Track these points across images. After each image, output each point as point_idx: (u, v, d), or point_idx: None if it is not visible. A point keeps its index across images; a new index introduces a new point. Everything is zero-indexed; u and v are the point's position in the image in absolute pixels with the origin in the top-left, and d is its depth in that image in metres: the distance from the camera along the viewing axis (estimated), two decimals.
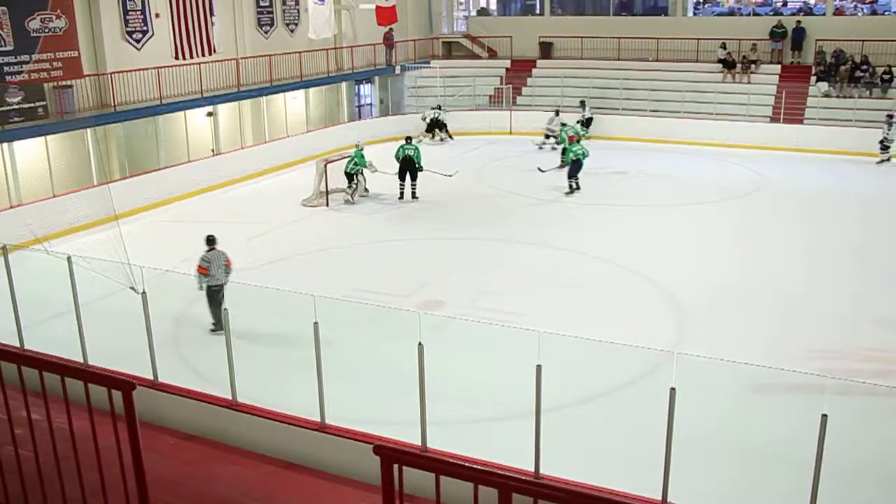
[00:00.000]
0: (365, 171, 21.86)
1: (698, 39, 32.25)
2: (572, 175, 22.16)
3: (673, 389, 7.10)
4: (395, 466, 3.37)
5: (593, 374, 10.90)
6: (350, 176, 21.52)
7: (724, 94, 30.04)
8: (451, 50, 37.64)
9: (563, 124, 26.85)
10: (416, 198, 21.70)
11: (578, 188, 22.17)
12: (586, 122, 29.51)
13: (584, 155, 22.03)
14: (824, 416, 6.32)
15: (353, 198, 21.57)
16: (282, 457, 8.55)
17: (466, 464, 3.26)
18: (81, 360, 9.97)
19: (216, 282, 12.50)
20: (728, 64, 31.18)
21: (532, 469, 7.77)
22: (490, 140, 30.17)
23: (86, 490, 4.05)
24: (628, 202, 21.15)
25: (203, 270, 12.52)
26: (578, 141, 23.37)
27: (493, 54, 36.35)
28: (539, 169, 23.72)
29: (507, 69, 34.79)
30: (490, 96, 33.58)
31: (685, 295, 14.27)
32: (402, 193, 21.78)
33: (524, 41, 35.73)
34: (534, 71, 34.41)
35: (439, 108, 30.87)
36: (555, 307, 13.74)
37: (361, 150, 22.03)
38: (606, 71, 32.48)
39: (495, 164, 26.68)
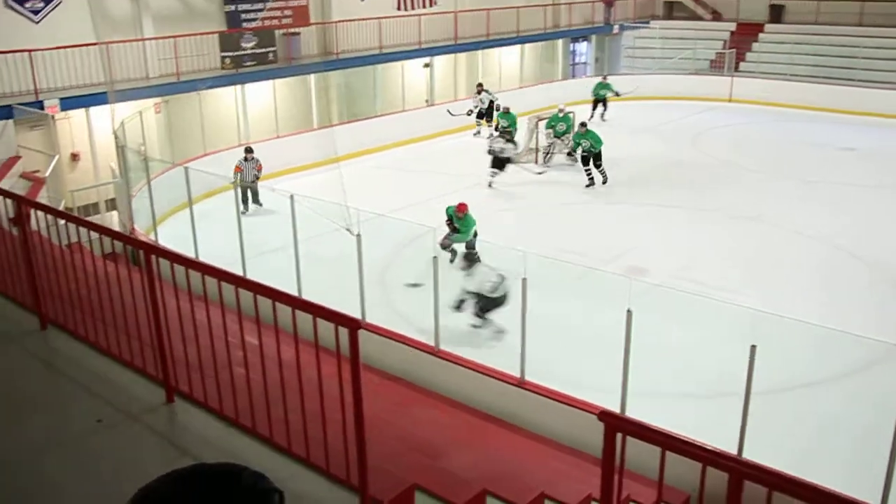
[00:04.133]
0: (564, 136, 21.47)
1: None
2: (586, 163, 19.08)
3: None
4: (619, 436, 3.22)
5: (808, 360, 10.20)
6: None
7: None
8: (672, 10, 36.09)
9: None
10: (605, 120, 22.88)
11: (593, 183, 19.10)
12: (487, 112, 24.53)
13: (595, 145, 18.87)
14: None
15: (547, 160, 21.26)
16: (481, 408, 8.64)
17: (698, 443, 3.06)
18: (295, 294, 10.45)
19: (247, 181, 16.45)
20: None
21: (734, 452, 7.39)
22: (708, 106, 28.79)
23: (307, 417, 4.19)
24: (859, 181, 19.50)
25: (238, 169, 16.64)
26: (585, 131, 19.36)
27: (717, 16, 34.54)
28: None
29: (732, 32, 32.90)
30: (711, 61, 31.82)
31: None
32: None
33: (752, 3, 33.42)
34: (761, 36, 32.32)
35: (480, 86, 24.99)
36: (768, 286, 12.95)
37: (564, 114, 21.57)
38: (845, 38, 29.85)
39: (712, 131, 25.49)
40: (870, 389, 9.45)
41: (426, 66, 26.31)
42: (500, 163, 18.88)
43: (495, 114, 23.15)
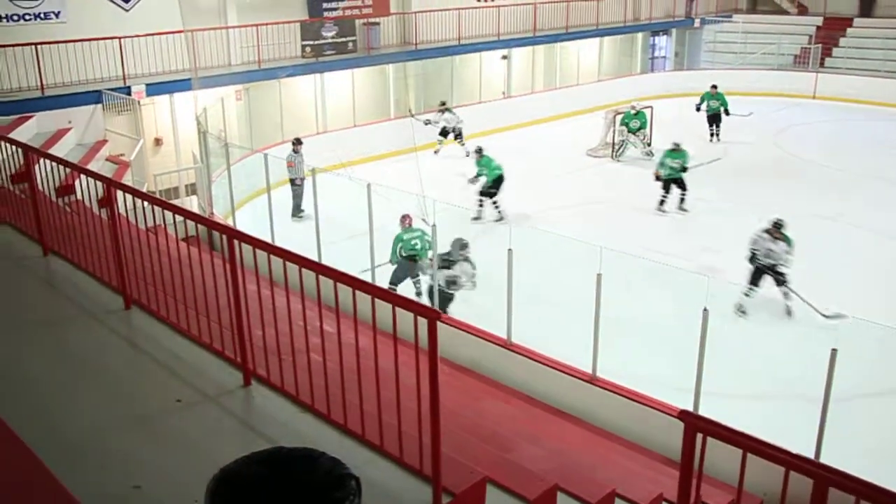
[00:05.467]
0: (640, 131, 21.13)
1: None
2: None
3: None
4: (699, 436, 3.15)
5: (884, 366, 9.87)
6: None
7: None
8: (756, 4, 35.21)
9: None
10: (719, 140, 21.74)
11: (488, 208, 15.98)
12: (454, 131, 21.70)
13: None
14: None
15: (617, 155, 20.97)
16: (550, 402, 8.59)
17: (782, 448, 2.98)
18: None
19: (296, 175, 15.85)
20: None
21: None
22: (791, 103, 27.98)
23: (381, 405, 4.22)
24: None
25: (291, 164, 15.86)
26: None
27: (803, 10, 33.54)
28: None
29: (818, 27, 31.90)
30: (795, 56, 30.86)
31: None
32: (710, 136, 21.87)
33: None
34: (849, 30, 31.26)
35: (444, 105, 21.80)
36: (844, 288, 12.54)
37: (637, 112, 21.22)
38: None
39: (793, 129, 24.82)
40: None
41: (504, 58, 26.21)
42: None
43: (452, 135, 21.26)
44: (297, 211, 16.28)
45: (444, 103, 21.45)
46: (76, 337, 5.79)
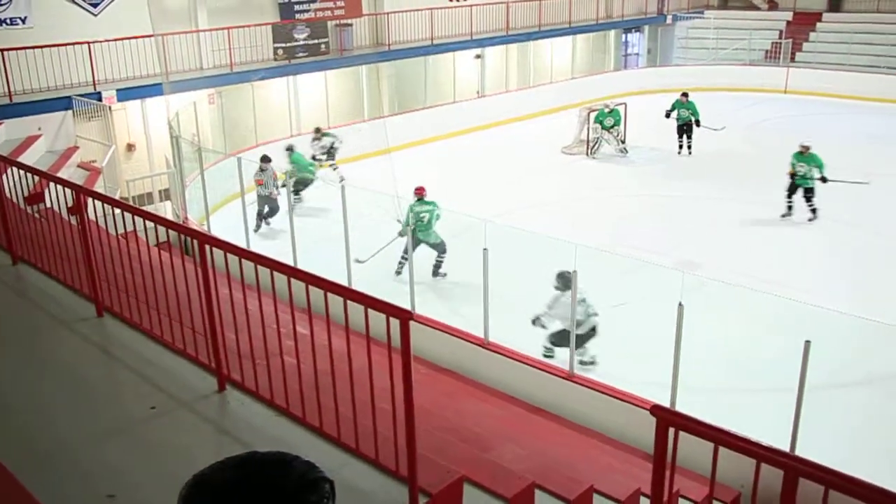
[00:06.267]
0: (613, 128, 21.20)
1: None
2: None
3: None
4: (671, 430, 3.17)
5: (858, 357, 9.98)
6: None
7: None
8: (727, 0, 35.51)
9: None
10: (691, 153, 20.79)
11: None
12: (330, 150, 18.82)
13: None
14: None
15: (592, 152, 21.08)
16: (529, 400, 8.61)
17: (752, 439, 3.00)
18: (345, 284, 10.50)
19: (266, 191, 14.98)
20: None
21: (786, 449, 7.25)
22: (762, 98, 28.20)
23: (356, 407, 4.21)
24: None
25: (260, 182, 14.98)
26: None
27: (773, 6, 33.80)
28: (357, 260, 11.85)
29: (788, 22, 32.18)
30: (766, 51, 31.13)
31: None
32: (679, 148, 20.90)
33: None
34: (818, 25, 31.58)
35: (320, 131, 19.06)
36: (819, 279, 12.68)
37: (611, 110, 21.32)
38: None
39: (766, 123, 25.03)
40: None
41: (477, 57, 26.25)
42: None
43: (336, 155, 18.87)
44: (265, 217, 15.52)
45: (318, 129, 18.94)
46: (48, 346, 5.73)
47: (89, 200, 6.03)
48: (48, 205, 7.58)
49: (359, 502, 3.95)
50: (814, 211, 15.84)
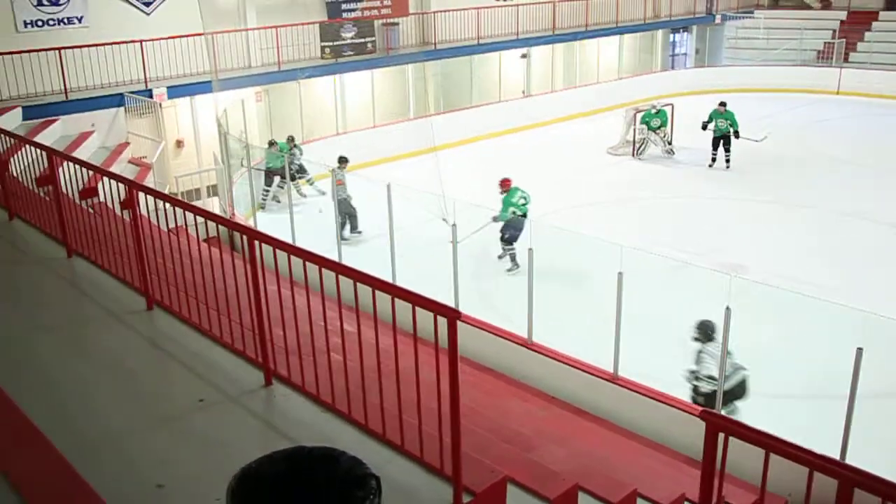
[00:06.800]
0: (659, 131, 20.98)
1: None
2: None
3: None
4: (721, 436, 3.13)
5: None
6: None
7: None
8: None
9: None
10: (729, 167, 19.69)
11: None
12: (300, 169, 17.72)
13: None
14: None
15: (640, 152, 20.88)
16: (573, 401, 8.56)
17: (804, 447, 2.96)
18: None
19: (344, 194, 14.46)
20: None
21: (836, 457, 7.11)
22: (814, 99, 27.71)
23: (402, 405, 4.22)
24: None
25: (339, 182, 14.47)
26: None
27: (826, 4, 33.17)
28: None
29: (842, 21, 31.54)
30: (818, 51, 30.50)
31: None
32: (713, 161, 19.93)
33: None
34: (874, 24, 30.92)
35: (293, 141, 18.09)
36: (868, 285, 12.42)
37: (658, 111, 21.09)
38: None
39: (816, 125, 24.60)
40: None
41: (523, 56, 26.19)
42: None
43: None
44: (353, 226, 15.01)
45: (291, 138, 17.98)
46: (99, 337, 5.84)
47: (140, 195, 6.13)
48: (101, 199, 7.73)
49: (404, 499, 3.96)
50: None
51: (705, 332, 8.57)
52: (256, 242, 4.74)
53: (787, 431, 6.08)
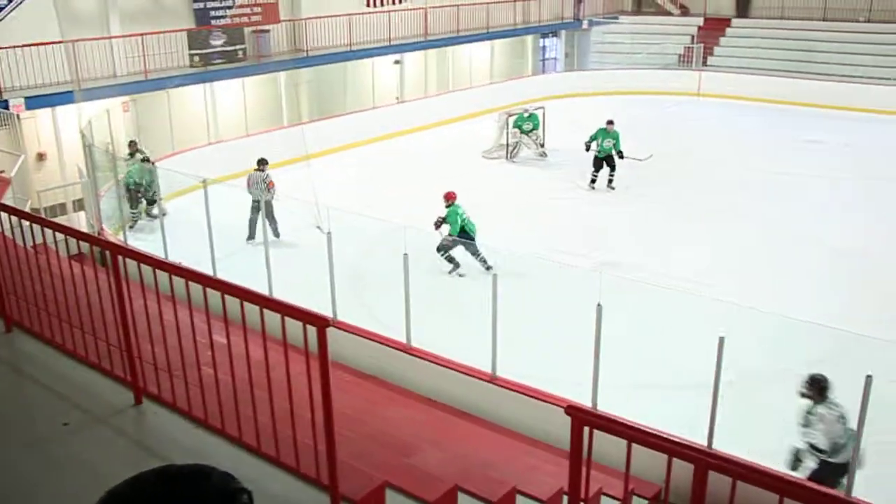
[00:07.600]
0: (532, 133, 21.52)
1: None
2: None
3: (869, 377, 6.58)
4: (586, 429, 3.25)
5: (779, 352, 10.29)
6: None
7: None
8: (640, 5, 36.26)
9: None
10: (613, 188, 18.89)
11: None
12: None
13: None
14: None
15: (511, 157, 21.39)
16: (453, 404, 8.65)
17: (664, 435, 3.09)
18: (266, 293, 10.40)
19: (255, 197, 13.99)
20: None
21: (703, 443, 7.45)
22: (676, 101, 28.91)
23: (276, 416, 4.19)
24: (828, 173, 19.64)
25: (272, 184, 14.40)
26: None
27: (685, 11, 34.73)
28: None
29: (700, 27, 33.10)
30: (679, 55, 32.01)
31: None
32: (593, 182, 18.97)
33: None
34: (728, 30, 32.59)
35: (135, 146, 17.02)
36: (737, 277, 13.08)
37: (530, 114, 21.63)
38: (811, 32, 30.15)
39: (680, 126, 25.69)
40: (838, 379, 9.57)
41: (396, 63, 26.28)
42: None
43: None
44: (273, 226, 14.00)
45: (133, 143, 16.69)
46: None
47: None
48: None
49: None
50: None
51: (819, 389, 7.15)
52: (120, 257, 4.61)
53: (669, 422, 6.34)
